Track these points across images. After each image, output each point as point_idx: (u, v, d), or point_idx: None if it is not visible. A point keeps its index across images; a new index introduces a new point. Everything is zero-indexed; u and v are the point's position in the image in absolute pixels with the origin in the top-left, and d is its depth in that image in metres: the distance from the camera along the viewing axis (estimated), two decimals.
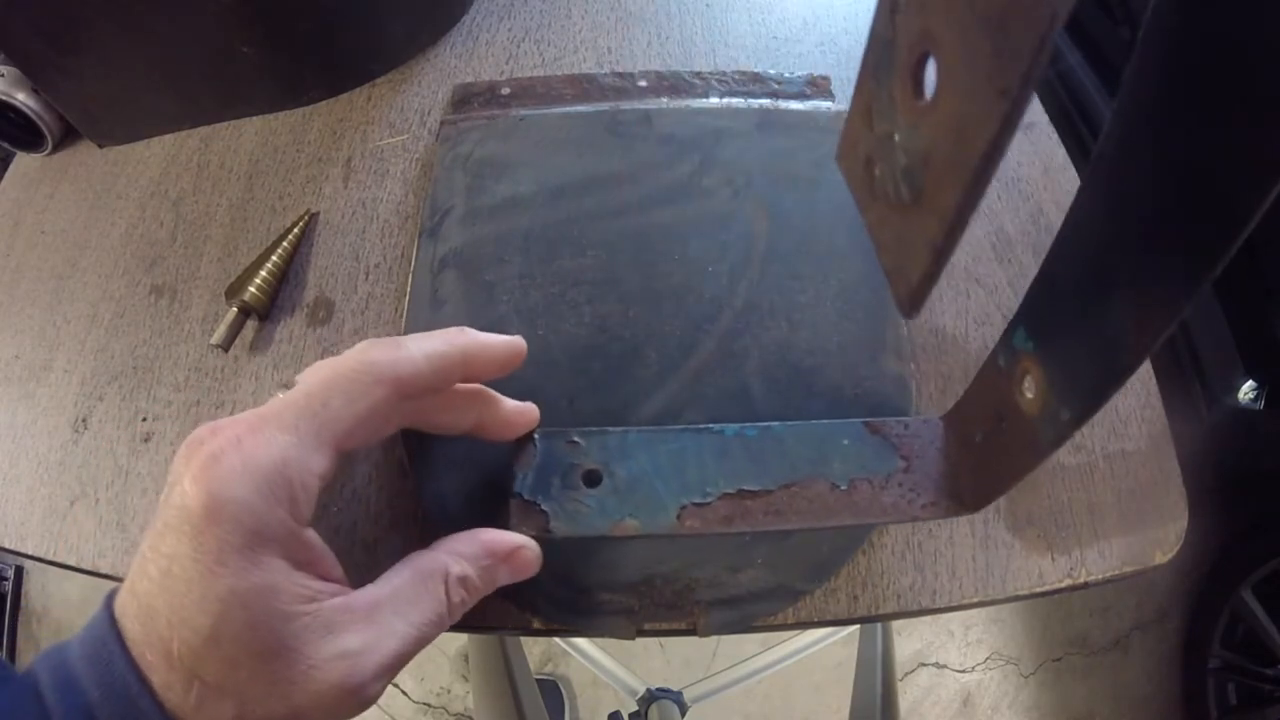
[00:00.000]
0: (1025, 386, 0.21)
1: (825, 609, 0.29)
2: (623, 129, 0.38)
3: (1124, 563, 0.30)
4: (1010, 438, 0.22)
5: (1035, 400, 0.21)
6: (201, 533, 0.18)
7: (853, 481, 0.26)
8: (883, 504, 0.25)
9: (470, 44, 0.45)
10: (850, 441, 0.27)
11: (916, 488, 0.25)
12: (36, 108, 0.43)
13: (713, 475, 0.26)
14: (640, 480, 0.26)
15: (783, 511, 0.25)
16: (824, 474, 0.26)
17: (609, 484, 0.26)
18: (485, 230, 0.35)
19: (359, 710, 0.20)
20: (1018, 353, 0.22)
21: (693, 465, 0.26)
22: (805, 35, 0.44)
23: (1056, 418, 0.20)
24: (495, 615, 0.29)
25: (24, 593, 1.28)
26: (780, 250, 0.34)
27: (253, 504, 0.19)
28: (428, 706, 1.14)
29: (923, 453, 0.26)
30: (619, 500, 0.25)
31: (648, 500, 0.25)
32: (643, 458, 0.26)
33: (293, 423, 0.20)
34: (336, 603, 0.20)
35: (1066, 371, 0.20)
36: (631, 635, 0.28)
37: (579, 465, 0.26)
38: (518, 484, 0.26)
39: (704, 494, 0.25)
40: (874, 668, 0.67)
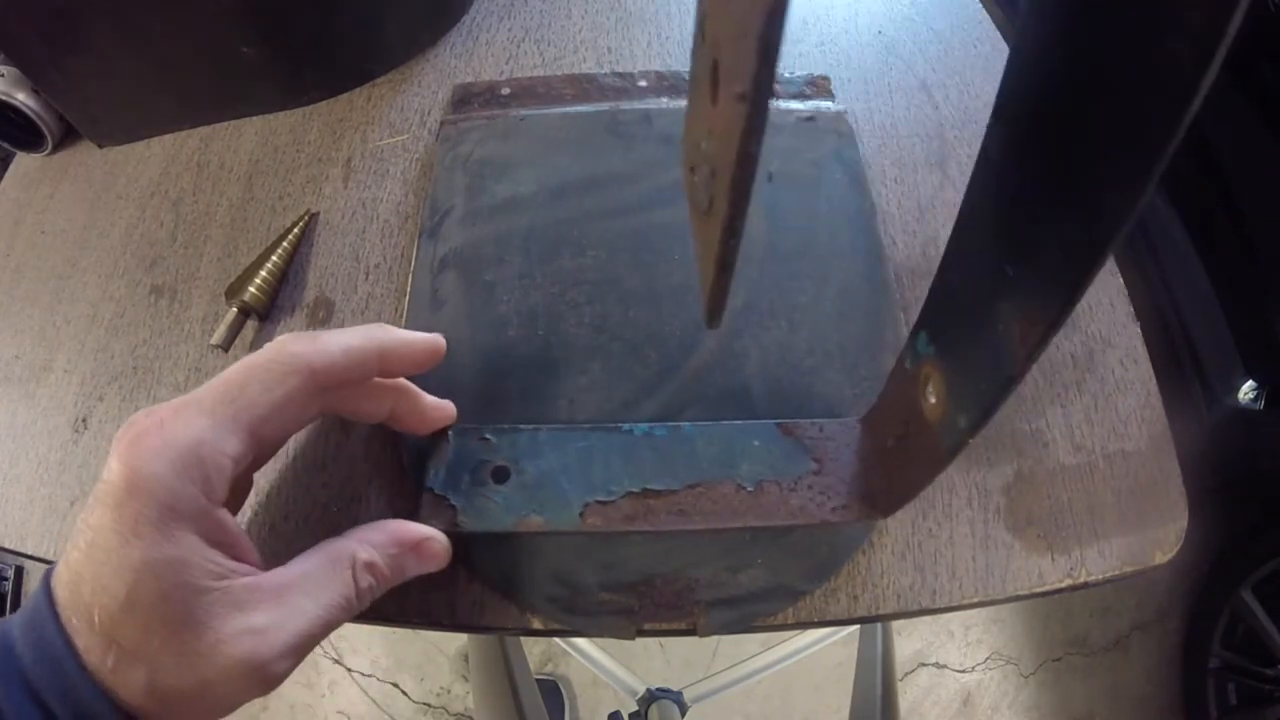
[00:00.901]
0: (928, 392, 0.21)
1: (825, 609, 0.29)
2: (623, 129, 0.38)
3: (1124, 563, 0.29)
4: (916, 443, 0.23)
5: (937, 406, 0.21)
6: (121, 505, 0.19)
7: (760, 483, 0.26)
8: (790, 506, 0.25)
9: (470, 44, 0.45)
10: (761, 443, 0.27)
11: (827, 490, 0.26)
12: (36, 108, 0.43)
13: (618, 474, 0.26)
14: (547, 478, 0.26)
15: (687, 511, 0.25)
16: (731, 475, 0.26)
17: (516, 480, 0.26)
18: (485, 230, 0.35)
19: (264, 689, 0.21)
20: (920, 356, 0.22)
21: (599, 464, 0.27)
22: (805, 35, 0.44)
23: (955, 424, 0.20)
24: (495, 615, 0.29)
25: (24, 593, 1.28)
26: (780, 250, 0.34)
27: (168, 480, 0.20)
28: (428, 706, 1.14)
29: (836, 455, 0.26)
30: (525, 497, 0.26)
31: (553, 497, 0.26)
32: (551, 456, 0.27)
33: (210, 407, 0.21)
34: (246, 581, 0.21)
35: (962, 377, 0.20)
36: (631, 635, 0.28)
37: (489, 462, 0.27)
38: (430, 479, 0.27)
39: (608, 492, 0.26)
40: (874, 668, 0.67)
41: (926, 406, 0.21)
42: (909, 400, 0.22)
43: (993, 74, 0.43)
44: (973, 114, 0.41)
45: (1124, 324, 0.34)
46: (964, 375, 0.20)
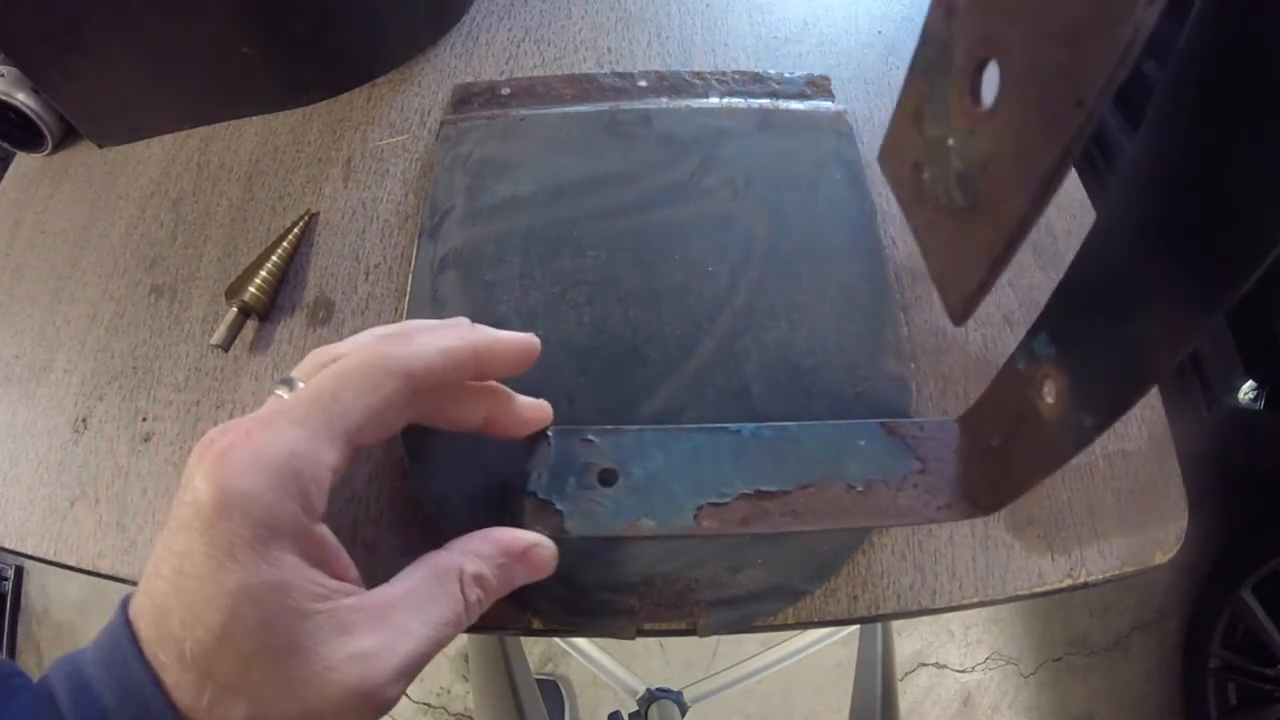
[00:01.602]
0: (1045, 391, 0.21)
1: (825, 609, 0.29)
2: (623, 129, 0.38)
3: (1124, 563, 0.29)
4: (1028, 442, 0.22)
5: (1055, 406, 0.20)
6: (213, 527, 0.18)
7: (869, 483, 0.25)
8: (899, 506, 0.25)
9: (470, 44, 0.45)
10: (866, 442, 0.26)
11: (932, 490, 0.25)
12: (36, 108, 0.43)
13: (729, 475, 0.25)
14: (656, 480, 0.25)
15: (800, 513, 0.24)
16: (840, 475, 0.25)
17: (625, 483, 0.25)
18: (485, 230, 0.35)
19: (376, 716, 0.19)
20: (1038, 358, 0.21)
21: (709, 465, 0.26)
22: (805, 35, 0.44)
23: (1078, 424, 0.19)
24: (495, 615, 0.29)
25: (24, 593, 1.28)
26: (780, 250, 0.34)
27: (263, 496, 0.18)
28: (428, 706, 1.14)
29: (938, 455, 0.26)
30: (635, 500, 0.25)
31: (664, 500, 0.25)
32: (659, 457, 0.26)
33: (303, 416, 0.20)
34: (350, 602, 0.19)
35: (1089, 379, 0.19)
36: (631, 635, 0.28)
37: (594, 464, 0.26)
38: (532, 483, 0.26)
39: (720, 494, 0.25)
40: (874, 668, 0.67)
41: (1043, 406, 0.21)
42: (1021, 400, 0.22)
43: None
44: None
45: None
46: (1092, 377, 0.19)
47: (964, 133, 0.14)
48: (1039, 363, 0.21)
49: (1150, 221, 0.17)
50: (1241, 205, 0.14)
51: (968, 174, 0.14)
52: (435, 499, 0.29)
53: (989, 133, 0.13)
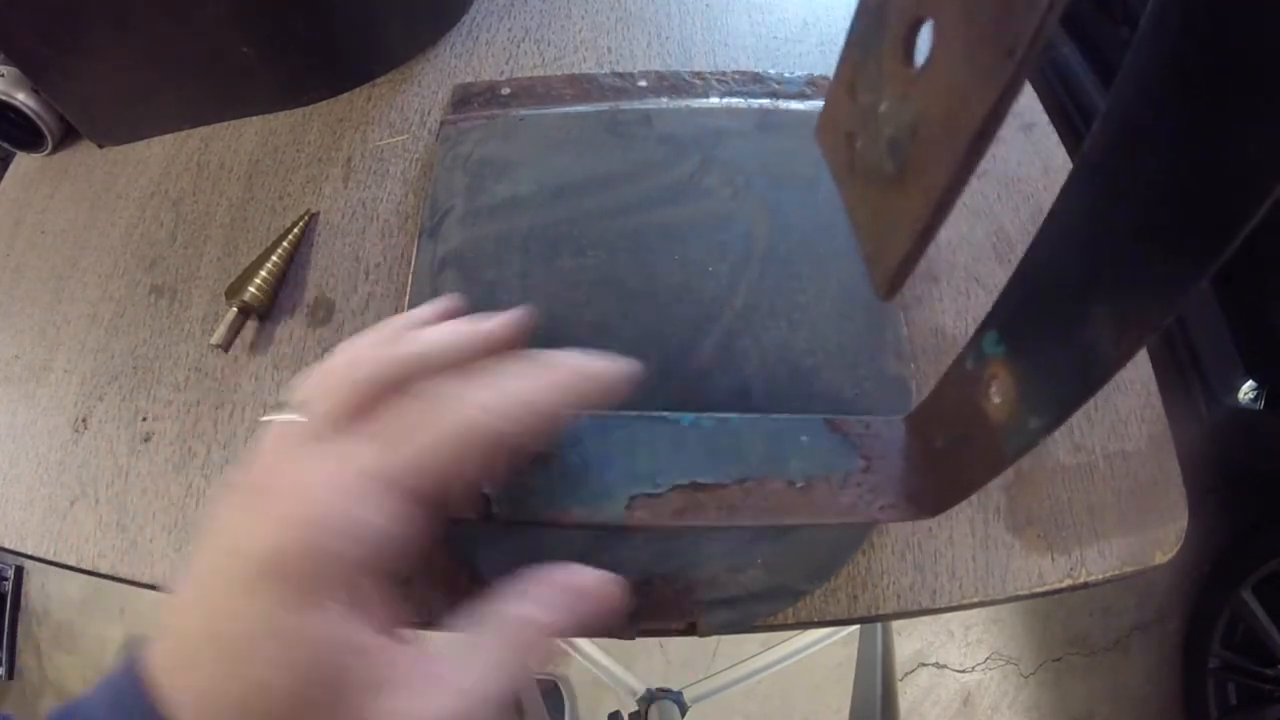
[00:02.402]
0: (993, 392, 0.20)
1: (825, 609, 0.29)
2: (623, 129, 0.38)
3: (1124, 563, 0.29)
4: (974, 444, 0.22)
5: (1003, 406, 0.20)
6: (262, 576, 0.17)
7: (810, 480, 0.25)
8: (840, 504, 0.24)
9: (470, 44, 0.45)
10: (810, 438, 0.26)
11: (876, 489, 0.25)
12: (36, 108, 0.43)
13: (665, 466, 0.24)
14: (589, 467, 0.25)
15: (737, 508, 0.24)
16: (781, 471, 0.25)
17: (557, 468, 0.25)
18: (485, 230, 0.35)
19: None
20: (987, 357, 0.21)
21: (644, 454, 0.25)
22: (805, 35, 0.44)
23: (1025, 426, 0.19)
24: None
25: (24, 593, 1.28)
26: (780, 250, 0.34)
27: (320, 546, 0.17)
28: None
29: (884, 453, 0.25)
30: (565, 486, 0.24)
31: (595, 488, 0.24)
32: (593, 444, 0.25)
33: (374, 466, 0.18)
34: (398, 658, 0.18)
35: (1039, 379, 0.19)
36: (631, 635, 0.28)
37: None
38: None
39: (655, 485, 0.24)
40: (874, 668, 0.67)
41: (990, 407, 0.20)
42: (968, 401, 0.21)
43: None
44: None
45: None
46: (1042, 377, 0.19)
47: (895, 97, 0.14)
48: (987, 362, 0.21)
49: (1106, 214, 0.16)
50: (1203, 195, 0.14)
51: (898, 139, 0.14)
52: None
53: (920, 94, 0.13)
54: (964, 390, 0.22)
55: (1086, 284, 0.17)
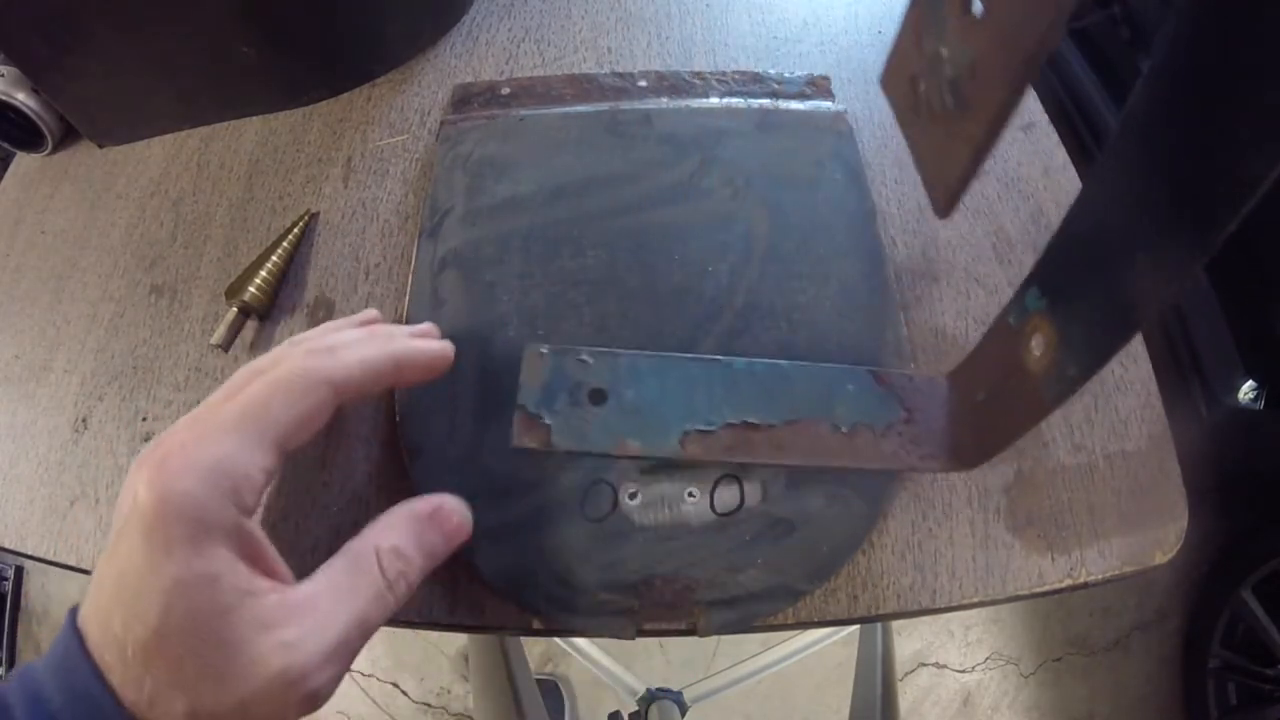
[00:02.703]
0: (1034, 344, 0.22)
1: (825, 609, 0.29)
2: (623, 129, 0.38)
3: (1124, 563, 0.29)
4: (1014, 396, 0.23)
5: (1043, 358, 0.21)
6: (152, 528, 0.19)
7: (855, 425, 0.26)
8: (882, 451, 0.25)
9: (470, 44, 0.45)
10: (856, 388, 0.27)
11: (916, 439, 0.26)
12: (36, 108, 0.43)
13: (719, 404, 0.26)
14: (646, 403, 0.26)
15: (784, 447, 0.25)
16: (827, 416, 0.26)
17: (615, 404, 0.26)
18: (485, 230, 0.35)
19: (312, 701, 0.20)
20: (1029, 312, 0.22)
21: (700, 393, 0.26)
22: (805, 35, 0.44)
23: (1064, 374, 0.20)
24: (495, 615, 0.29)
25: (24, 593, 1.28)
26: (780, 250, 0.34)
27: (197, 494, 0.19)
28: (428, 706, 1.14)
29: (925, 407, 0.26)
30: (623, 420, 0.25)
31: (652, 423, 0.25)
32: (651, 382, 0.26)
33: (235, 424, 0.21)
34: (275, 597, 0.20)
35: (1077, 329, 0.20)
36: (631, 635, 0.28)
37: (586, 383, 0.26)
38: (523, 396, 0.26)
39: (708, 422, 0.25)
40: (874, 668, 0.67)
41: (1030, 359, 0.22)
42: (1009, 355, 0.23)
43: None
44: None
45: None
46: (1081, 327, 0.20)
47: (956, 42, 0.16)
48: (1029, 316, 0.22)
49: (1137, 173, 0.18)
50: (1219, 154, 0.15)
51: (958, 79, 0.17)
52: None
53: (977, 37, 0.16)
54: (1005, 345, 0.23)
55: (1123, 239, 0.18)
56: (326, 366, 0.23)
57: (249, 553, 0.21)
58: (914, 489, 0.31)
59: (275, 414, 0.22)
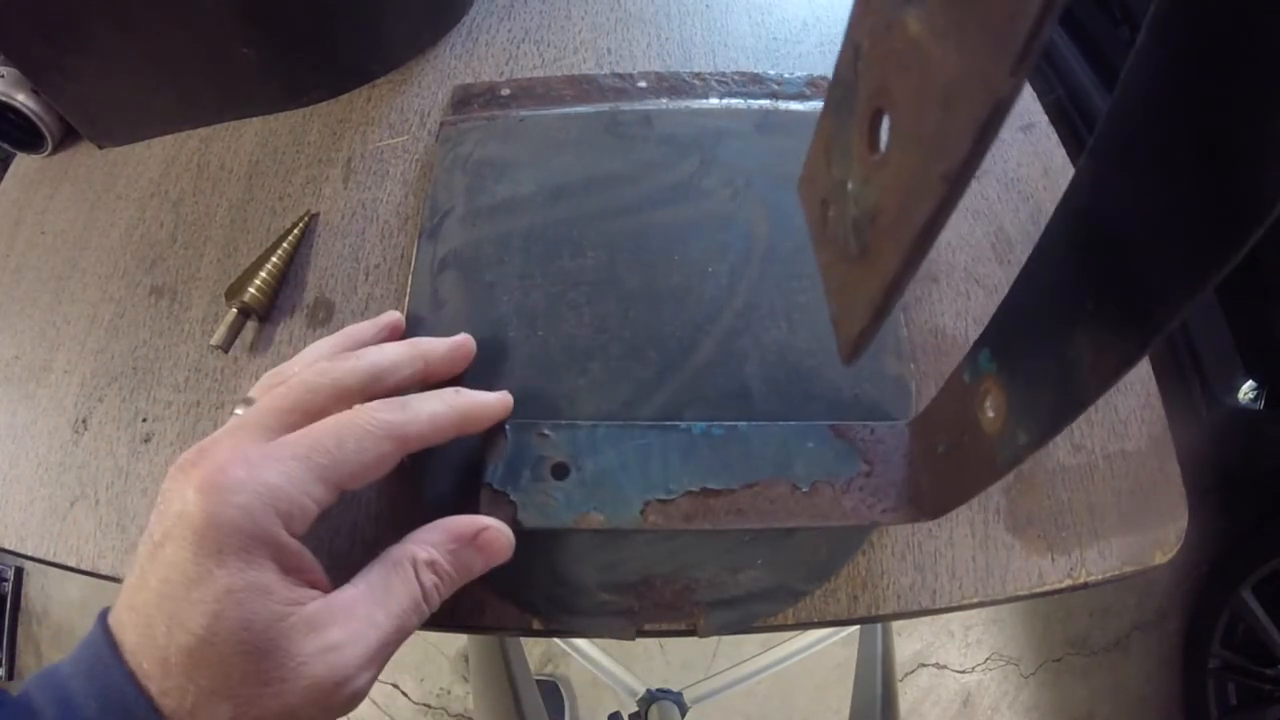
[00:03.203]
0: (987, 406, 0.21)
1: (825, 609, 0.29)
2: (622, 130, 0.38)
3: (1124, 563, 0.30)
4: (970, 452, 0.23)
5: (996, 420, 0.21)
6: (203, 537, 0.19)
7: (814, 484, 0.26)
8: (842, 507, 0.26)
9: (470, 45, 0.45)
10: (815, 444, 0.27)
11: (877, 492, 0.26)
12: (36, 108, 0.43)
13: (677, 473, 0.26)
14: (607, 475, 0.26)
15: (744, 511, 0.25)
16: (786, 475, 0.26)
17: (576, 477, 0.26)
18: (485, 231, 0.35)
19: (350, 703, 0.21)
20: (981, 373, 0.22)
21: (658, 462, 0.27)
22: (805, 36, 0.44)
23: (1014, 440, 0.20)
24: (495, 615, 0.29)
25: (24, 593, 1.28)
26: (780, 251, 0.34)
27: (253, 510, 0.20)
28: (428, 707, 1.14)
29: (886, 458, 0.27)
30: (585, 493, 0.26)
31: (613, 495, 0.26)
32: (610, 453, 0.27)
33: (305, 454, 0.22)
34: (319, 604, 0.21)
35: (1026, 397, 0.20)
36: (631, 635, 0.28)
37: (548, 458, 0.27)
38: (488, 474, 0.26)
39: (668, 490, 0.26)
40: (874, 668, 0.67)
41: (984, 420, 0.21)
42: (965, 412, 0.22)
43: None
44: None
45: None
46: (1028, 396, 0.20)
47: (860, 178, 0.14)
48: (982, 377, 0.22)
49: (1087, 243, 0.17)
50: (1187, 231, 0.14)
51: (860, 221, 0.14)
52: (435, 499, 0.29)
53: (878, 183, 0.14)
54: (961, 402, 0.23)
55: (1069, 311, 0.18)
56: (399, 420, 0.24)
57: (294, 565, 0.21)
58: None
59: (345, 455, 0.22)
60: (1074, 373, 0.17)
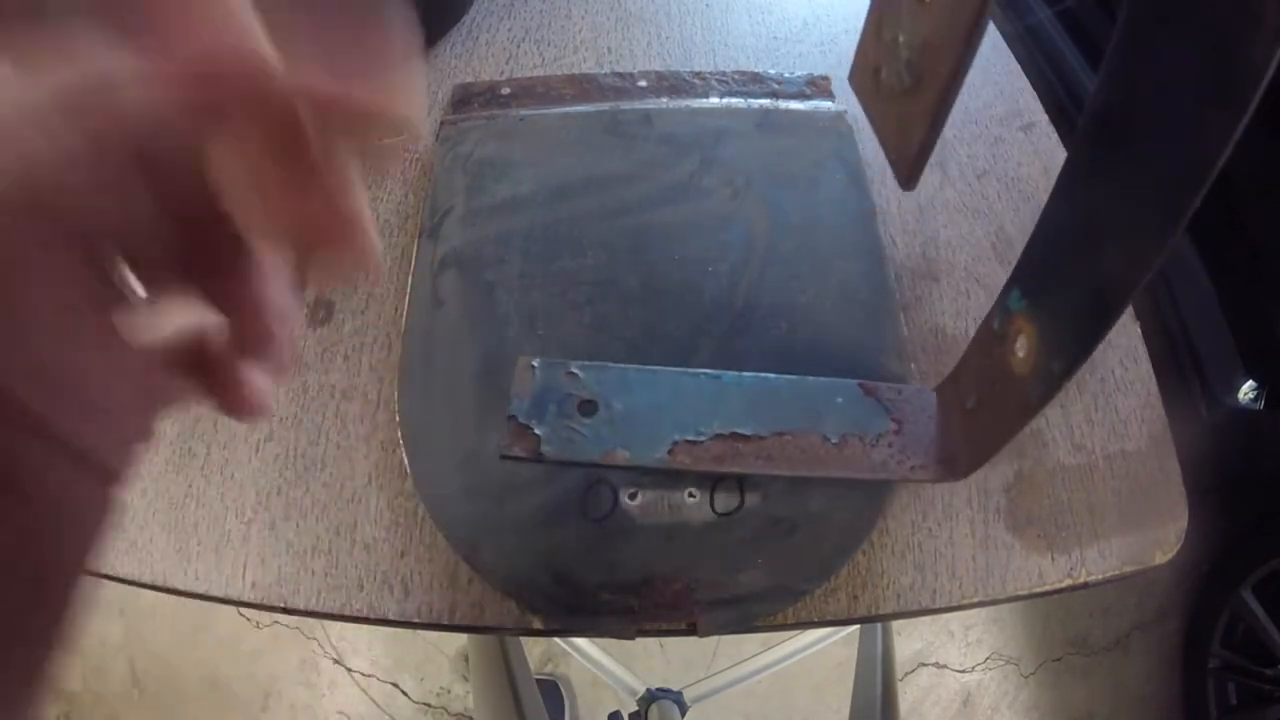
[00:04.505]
0: (1017, 347, 0.22)
1: (825, 609, 0.29)
2: (623, 129, 0.38)
3: (1124, 563, 0.29)
4: (1001, 399, 0.24)
5: (1026, 359, 0.22)
6: None
7: (844, 436, 0.26)
8: (872, 461, 0.26)
9: (470, 44, 0.45)
10: (844, 400, 0.27)
11: (906, 450, 0.26)
12: None
13: (707, 416, 0.26)
14: (635, 415, 0.26)
15: (774, 458, 0.26)
16: (816, 427, 0.26)
17: (604, 415, 0.26)
18: (485, 230, 0.35)
19: None
20: (1011, 314, 0.23)
21: (689, 405, 0.27)
22: (805, 35, 0.44)
23: (1048, 371, 0.21)
24: (495, 615, 0.29)
25: None
26: (780, 250, 0.34)
27: None
28: (428, 706, 1.14)
29: (914, 418, 0.27)
30: (613, 431, 0.26)
31: (641, 433, 0.26)
32: (640, 394, 0.27)
33: None
34: None
35: (1058, 323, 0.21)
36: (631, 635, 0.28)
37: (576, 395, 0.27)
38: (514, 407, 0.26)
39: (697, 432, 0.26)
40: (874, 668, 0.67)
41: (1014, 361, 0.23)
42: (996, 359, 0.24)
43: (993, 75, 0.43)
44: (972, 114, 0.41)
45: (1124, 324, 0.34)
46: (1059, 321, 0.21)
47: (910, 27, 0.19)
48: (1012, 318, 0.23)
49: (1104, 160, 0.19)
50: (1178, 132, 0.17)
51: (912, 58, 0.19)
52: (435, 499, 0.29)
53: (926, 21, 0.18)
54: (990, 349, 0.24)
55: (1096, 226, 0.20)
56: None
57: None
58: (914, 489, 0.31)
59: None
60: (1106, 285, 0.19)
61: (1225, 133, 0.15)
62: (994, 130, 0.40)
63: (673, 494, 0.29)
